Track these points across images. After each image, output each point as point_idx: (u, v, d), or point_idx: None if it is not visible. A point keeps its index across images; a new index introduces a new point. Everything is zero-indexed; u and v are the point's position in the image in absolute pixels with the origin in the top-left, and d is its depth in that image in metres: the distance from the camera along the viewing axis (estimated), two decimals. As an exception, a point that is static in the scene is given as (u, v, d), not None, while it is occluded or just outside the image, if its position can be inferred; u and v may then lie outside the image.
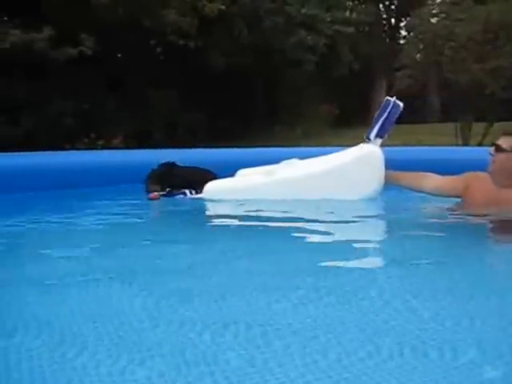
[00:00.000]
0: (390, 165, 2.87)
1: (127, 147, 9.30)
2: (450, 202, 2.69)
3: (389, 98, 2.85)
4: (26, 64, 9.54)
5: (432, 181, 2.70)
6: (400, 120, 2.89)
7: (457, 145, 10.62)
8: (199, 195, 3.15)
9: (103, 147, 9.87)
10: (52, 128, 9.92)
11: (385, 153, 2.86)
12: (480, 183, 2.49)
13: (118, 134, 10.67)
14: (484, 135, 10.50)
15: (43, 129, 9.73)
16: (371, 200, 2.84)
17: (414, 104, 18.58)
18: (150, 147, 7.10)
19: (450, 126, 11.64)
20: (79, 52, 10.18)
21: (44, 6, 10.50)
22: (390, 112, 2.80)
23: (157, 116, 11.92)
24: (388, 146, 3.02)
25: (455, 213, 2.57)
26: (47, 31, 9.84)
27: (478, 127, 10.86)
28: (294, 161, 3.09)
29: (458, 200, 2.64)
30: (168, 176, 3.38)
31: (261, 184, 3.00)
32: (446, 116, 14.10)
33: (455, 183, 2.61)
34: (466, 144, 10.72)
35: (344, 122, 14.69)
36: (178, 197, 3.22)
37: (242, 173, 3.25)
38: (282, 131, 13.35)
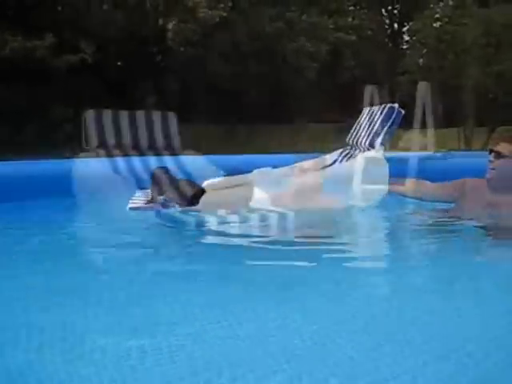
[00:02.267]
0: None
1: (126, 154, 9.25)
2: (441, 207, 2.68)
3: (392, 105, 2.79)
4: (27, 71, 9.53)
5: (426, 187, 2.69)
6: (401, 125, 2.87)
7: (459, 149, 10.57)
8: (194, 207, 2.81)
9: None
10: (53, 135, 9.89)
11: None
12: (475, 189, 2.47)
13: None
14: (487, 140, 10.44)
15: (44, 136, 9.70)
16: (371, 206, 2.80)
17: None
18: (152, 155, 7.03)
19: (453, 130, 11.58)
20: (80, 59, 10.19)
21: (45, 13, 10.51)
22: (393, 120, 2.75)
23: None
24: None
25: (450, 218, 2.54)
26: (48, 38, 9.85)
27: (481, 132, 10.81)
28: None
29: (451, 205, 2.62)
30: (170, 182, 2.91)
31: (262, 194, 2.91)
32: (449, 121, 14.04)
33: (450, 189, 2.59)
34: (468, 149, 10.67)
35: (347, 127, 14.65)
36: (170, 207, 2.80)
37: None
38: (285, 137, 13.31)
